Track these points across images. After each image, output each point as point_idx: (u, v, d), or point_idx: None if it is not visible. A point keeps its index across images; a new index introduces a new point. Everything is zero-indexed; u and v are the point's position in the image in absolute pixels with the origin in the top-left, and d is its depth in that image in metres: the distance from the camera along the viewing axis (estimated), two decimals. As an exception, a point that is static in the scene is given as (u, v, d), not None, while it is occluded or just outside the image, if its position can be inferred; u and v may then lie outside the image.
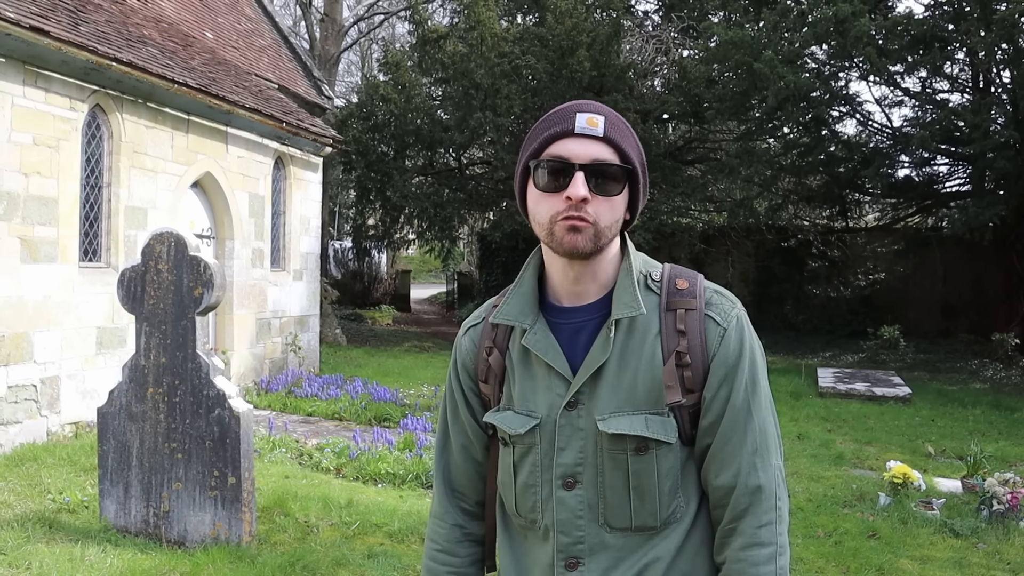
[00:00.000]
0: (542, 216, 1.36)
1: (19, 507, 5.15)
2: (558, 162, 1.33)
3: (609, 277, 1.42)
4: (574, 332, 1.41)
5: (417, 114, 16.33)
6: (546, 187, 1.35)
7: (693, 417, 1.39)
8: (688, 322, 1.38)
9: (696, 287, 1.41)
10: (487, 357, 1.49)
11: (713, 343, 1.38)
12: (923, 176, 16.43)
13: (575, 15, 14.91)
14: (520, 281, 1.46)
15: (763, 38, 13.42)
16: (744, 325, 1.41)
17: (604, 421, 1.35)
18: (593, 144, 1.33)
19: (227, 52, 12.08)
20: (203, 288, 4.61)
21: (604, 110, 1.37)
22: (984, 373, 13.39)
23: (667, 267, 1.46)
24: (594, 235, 1.33)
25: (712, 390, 1.37)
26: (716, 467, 1.38)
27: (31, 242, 6.93)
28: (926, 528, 5.39)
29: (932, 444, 8.04)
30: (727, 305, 1.41)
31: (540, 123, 1.40)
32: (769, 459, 1.37)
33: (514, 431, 1.42)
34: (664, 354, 1.36)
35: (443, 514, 1.58)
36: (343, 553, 4.61)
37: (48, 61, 6.98)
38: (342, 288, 21.74)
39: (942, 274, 17.31)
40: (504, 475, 1.48)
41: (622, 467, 1.36)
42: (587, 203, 1.31)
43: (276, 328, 11.12)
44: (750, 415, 1.37)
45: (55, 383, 7.19)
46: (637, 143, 1.40)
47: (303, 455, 6.95)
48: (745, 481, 1.36)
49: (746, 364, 1.38)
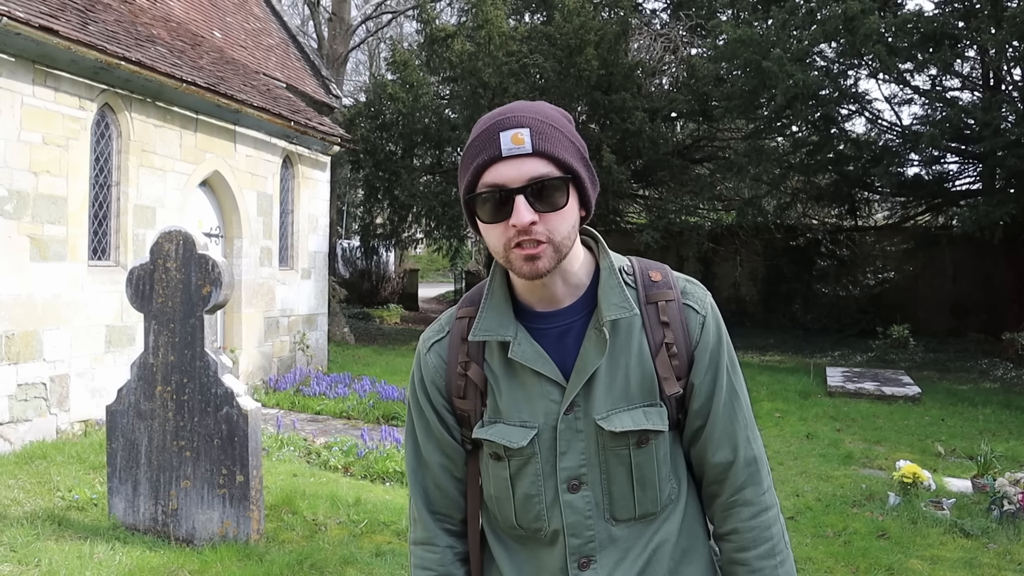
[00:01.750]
0: (494, 245, 1.33)
1: (29, 504, 5.17)
2: (494, 192, 1.28)
3: (579, 278, 1.40)
4: (559, 336, 1.39)
5: (425, 113, 16.34)
6: (489, 219, 1.31)
7: (679, 403, 1.41)
8: (670, 313, 1.40)
9: (669, 277, 1.44)
10: (464, 372, 1.44)
11: (695, 331, 1.41)
12: (933, 174, 16.34)
13: (583, 13, 14.89)
14: (491, 293, 1.43)
15: (772, 36, 13.36)
16: (715, 310, 1.45)
17: (606, 420, 1.36)
18: (525, 162, 1.27)
19: (235, 51, 12.10)
20: (211, 286, 4.61)
21: (528, 119, 1.29)
22: (994, 372, 13.31)
23: (634, 260, 1.47)
24: (553, 252, 1.30)
25: (699, 376, 1.40)
26: (713, 446, 1.42)
27: (40, 241, 6.95)
28: (936, 528, 5.36)
29: (942, 444, 7.99)
30: (700, 293, 1.45)
31: (467, 151, 1.33)
32: (755, 430, 1.46)
33: (513, 444, 1.38)
34: (652, 347, 1.38)
35: (431, 539, 1.51)
36: (351, 551, 4.61)
37: (57, 60, 7.01)
38: (350, 287, 21.77)
39: (952, 273, 17.23)
40: (498, 489, 1.44)
41: (625, 462, 1.38)
42: (535, 224, 1.27)
43: (284, 327, 11.14)
44: (736, 393, 1.43)
45: (64, 381, 7.22)
46: (571, 138, 1.33)
47: (311, 453, 6.95)
48: (744, 455, 1.42)
49: (725, 347, 1.43)
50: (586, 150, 1.37)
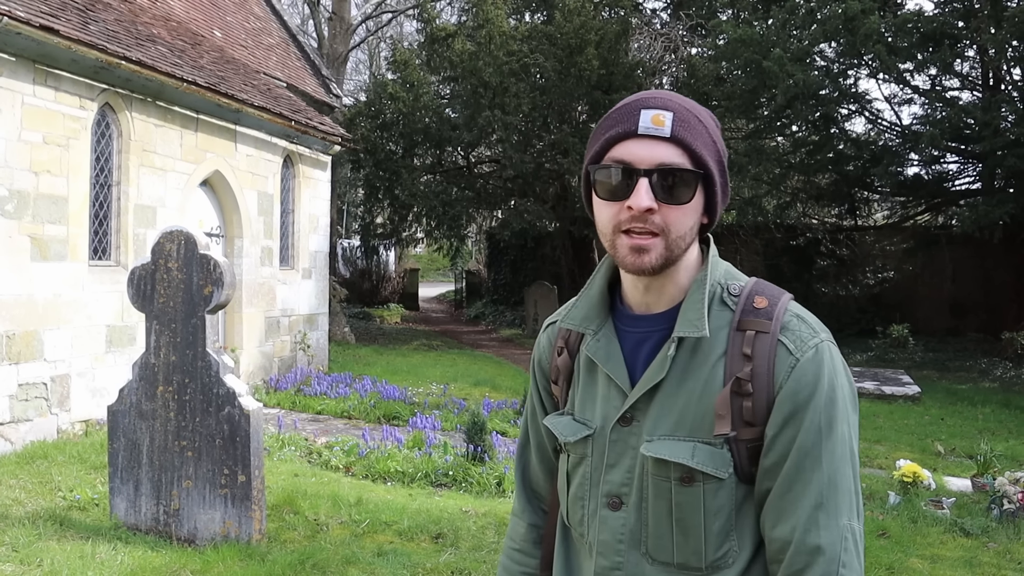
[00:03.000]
0: (603, 225, 1.25)
1: (30, 504, 5.18)
2: (619, 168, 1.21)
3: (682, 288, 1.29)
4: (638, 342, 1.30)
5: (425, 112, 16.34)
6: (607, 195, 1.23)
7: (752, 453, 1.23)
8: (757, 346, 1.22)
9: (776, 308, 1.24)
10: (558, 358, 1.42)
11: (781, 374, 1.20)
12: (932, 174, 16.37)
13: (583, 13, 14.90)
14: (591, 284, 1.38)
15: (772, 36, 13.38)
16: (825, 358, 1.22)
17: (650, 443, 1.24)
18: (659, 146, 1.20)
19: (236, 51, 12.10)
20: (213, 286, 4.62)
21: (674, 103, 1.22)
22: (994, 372, 13.33)
23: (752, 281, 1.30)
24: (664, 248, 1.21)
25: (776, 427, 1.20)
26: (773, 517, 1.21)
27: (41, 240, 6.96)
28: (936, 527, 5.37)
29: (942, 443, 8.01)
30: (806, 333, 1.23)
31: (603, 121, 1.27)
32: (837, 517, 1.18)
33: (566, 438, 1.35)
34: (725, 378, 1.22)
35: (521, 512, 1.54)
36: (353, 551, 4.61)
37: (58, 60, 7.01)
38: (351, 286, 21.79)
39: (951, 272, 17.24)
40: (560, 481, 1.42)
41: (665, 496, 1.24)
42: (653, 213, 1.19)
43: (285, 326, 11.14)
44: (818, 462, 1.18)
45: (65, 381, 7.23)
46: (714, 138, 1.25)
47: (312, 453, 6.96)
48: (803, 538, 1.17)
49: (821, 403, 1.19)
50: (726, 157, 1.29)
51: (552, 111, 15.83)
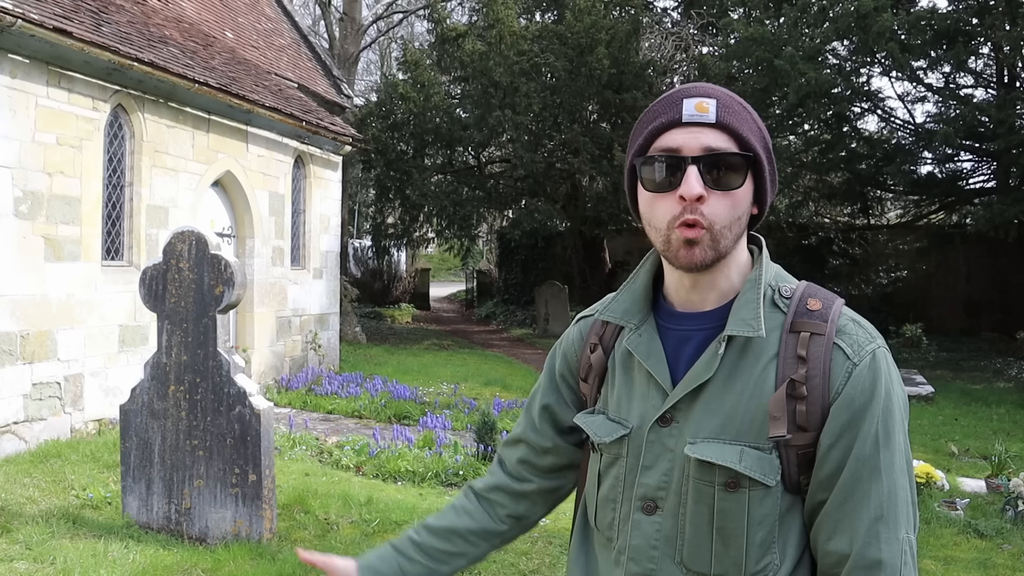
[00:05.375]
0: (659, 221, 1.20)
1: (43, 503, 5.21)
2: (666, 157, 1.18)
3: (732, 285, 1.25)
4: (681, 340, 1.26)
5: (436, 112, 16.37)
6: (656, 187, 1.20)
7: (802, 461, 1.18)
8: (812, 348, 1.18)
9: (831, 310, 1.21)
10: (590, 354, 1.37)
11: (838, 379, 1.16)
12: (946, 173, 16.26)
13: (594, 12, 14.88)
14: (634, 277, 1.34)
15: (784, 34, 13.33)
16: (882, 365, 1.18)
17: (693, 445, 1.19)
18: (705, 132, 1.18)
19: (247, 52, 12.15)
20: (224, 286, 4.63)
21: (716, 92, 1.21)
22: (1008, 372, 13.23)
23: (803, 284, 1.27)
24: (711, 241, 1.17)
25: (832, 436, 1.16)
26: (829, 529, 1.17)
27: (54, 241, 7.00)
28: (950, 528, 5.33)
29: (955, 443, 7.95)
30: (863, 337, 1.19)
31: (645, 115, 1.25)
32: (896, 530, 1.14)
33: (600, 439, 1.30)
34: (777, 380, 1.17)
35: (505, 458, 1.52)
36: (363, 551, 4.59)
37: (71, 62, 7.05)
38: (362, 286, 21.84)
39: (965, 272, 17.14)
40: (590, 483, 1.36)
41: (707, 501, 1.19)
42: (702, 202, 1.16)
43: (296, 326, 11.18)
44: (878, 473, 1.15)
45: (78, 380, 7.27)
46: (759, 126, 1.23)
47: (323, 453, 6.98)
48: (863, 552, 1.13)
49: (878, 410, 1.16)
50: (771, 145, 1.26)
51: (562, 111, 15.81)
